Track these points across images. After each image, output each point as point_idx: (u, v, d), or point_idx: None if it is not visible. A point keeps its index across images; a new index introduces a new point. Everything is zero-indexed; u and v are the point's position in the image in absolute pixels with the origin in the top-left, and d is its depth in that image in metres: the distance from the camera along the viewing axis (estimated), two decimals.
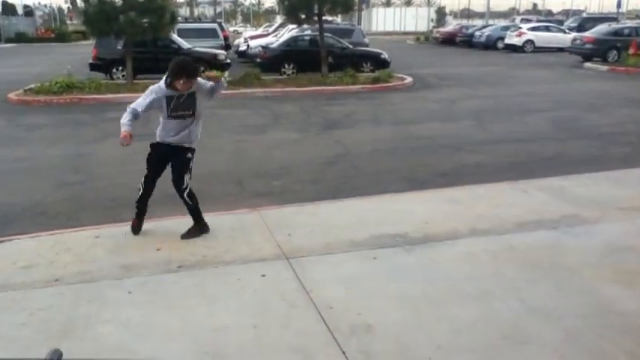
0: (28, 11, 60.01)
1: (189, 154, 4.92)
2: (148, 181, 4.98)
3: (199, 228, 5.02)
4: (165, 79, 4.70)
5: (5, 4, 55.85)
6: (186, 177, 4.90)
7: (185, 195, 4.91)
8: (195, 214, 5.03)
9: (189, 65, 4.71)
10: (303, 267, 4.31)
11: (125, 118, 4.65)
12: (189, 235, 4.96)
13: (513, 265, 4.32)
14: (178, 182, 4.87)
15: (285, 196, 6.30)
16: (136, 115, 4.68)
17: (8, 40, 46.35)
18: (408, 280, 4.11)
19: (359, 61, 18.98)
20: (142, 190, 4.99)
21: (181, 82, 4.62)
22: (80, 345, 3.32)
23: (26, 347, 3.30)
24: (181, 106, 4.76)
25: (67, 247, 4.74)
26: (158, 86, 4.77)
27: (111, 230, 5.19)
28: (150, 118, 5.17)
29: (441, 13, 62.32)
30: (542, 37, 31.55)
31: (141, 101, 4.73)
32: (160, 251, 4.63)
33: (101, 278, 4.18)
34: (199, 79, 4.80)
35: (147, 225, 5.28)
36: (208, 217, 5.37)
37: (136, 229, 5.06)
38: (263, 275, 4.19)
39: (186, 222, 5.32)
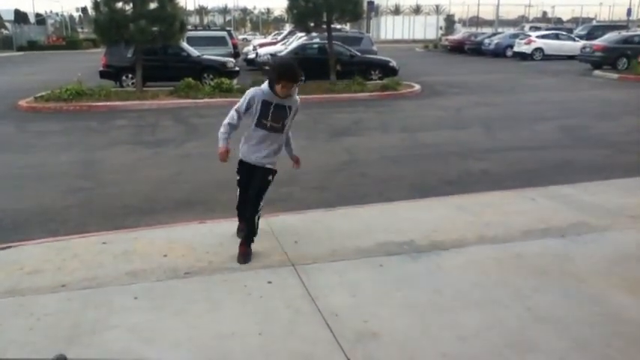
0: (40, 19, 60.59)
1: (270, 177, 4.64)
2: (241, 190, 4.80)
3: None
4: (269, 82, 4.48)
5: (18, 13, 56.39)
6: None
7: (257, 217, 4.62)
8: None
9: (292, 69, 4.41)
10: (309, 274, 4.31)
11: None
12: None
13: (520, 273, 4.30)
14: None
15: (292, 203, 6.31)
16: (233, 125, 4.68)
17: (20, 48, 46.84)
18: (415, 288, 4.09)
19: (367, 69, 19.05)
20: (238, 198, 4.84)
21: (280, 86, 4.38)
22: (87, 350, 3.33)
23: (33, 352, 3.31)
24: (273, 116, 4.53)
25: (74, 253, 4.76)
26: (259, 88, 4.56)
27: (118, 236, 5.20)
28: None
29: (449, 21, 62.38)
30: (551, 45, 31.51)
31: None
32: (166, 257, 4.64)
33: (108, 284, 4.20)
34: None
35: (153, 232, 5.31)
36: (216, 224, 5.40)
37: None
38: (269, 282, 4.19)
39: (193, 228, 5.34)
